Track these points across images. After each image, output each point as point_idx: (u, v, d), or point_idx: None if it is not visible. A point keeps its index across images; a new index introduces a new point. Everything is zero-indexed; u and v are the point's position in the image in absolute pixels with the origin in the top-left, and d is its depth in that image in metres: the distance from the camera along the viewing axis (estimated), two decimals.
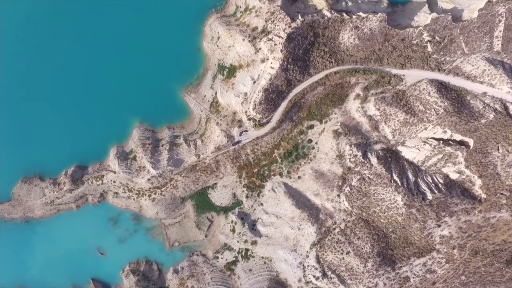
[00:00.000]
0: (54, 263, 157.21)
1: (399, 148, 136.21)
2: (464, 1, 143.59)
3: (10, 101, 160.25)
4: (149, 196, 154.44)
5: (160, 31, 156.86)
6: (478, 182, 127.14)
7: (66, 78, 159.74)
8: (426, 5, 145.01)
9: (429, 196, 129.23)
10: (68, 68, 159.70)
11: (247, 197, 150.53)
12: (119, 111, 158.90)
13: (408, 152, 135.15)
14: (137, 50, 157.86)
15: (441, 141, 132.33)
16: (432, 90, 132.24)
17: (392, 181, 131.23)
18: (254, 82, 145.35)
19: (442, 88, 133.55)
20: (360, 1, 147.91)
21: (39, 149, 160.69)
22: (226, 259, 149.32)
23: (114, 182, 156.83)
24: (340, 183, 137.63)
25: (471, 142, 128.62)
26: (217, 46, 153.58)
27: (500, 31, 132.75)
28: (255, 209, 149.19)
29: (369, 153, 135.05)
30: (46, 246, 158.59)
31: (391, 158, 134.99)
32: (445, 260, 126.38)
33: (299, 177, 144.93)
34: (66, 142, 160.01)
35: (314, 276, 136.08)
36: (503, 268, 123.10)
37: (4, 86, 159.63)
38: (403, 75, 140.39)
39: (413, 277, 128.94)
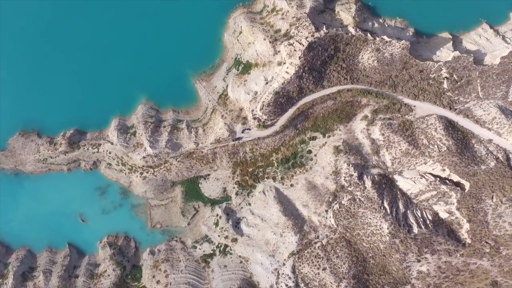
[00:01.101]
0: (34, 220, 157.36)
1: (396, 176, 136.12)
2: (489, 46, 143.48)
3: (28, 54, 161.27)
4: (141, 173, 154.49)
5: (185, 14, 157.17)
6: (466, 226, 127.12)
7: (86, 41, 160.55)
8: (451, 42, 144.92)
9: (415, 230, 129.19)
10: (89, 31, 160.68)
11: (236, 194, 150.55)
12: (128, 83, 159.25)
13: (404, 183, 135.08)
14: (159, 28, 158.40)
15: (438, 179, 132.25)
16: (439, 126, 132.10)
17: (382, 208, 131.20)
18: (267, 83, 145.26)
19: (450, 126, 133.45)
20: (386, 25, 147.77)
21: (43, 105, 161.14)
22: (203, 251, 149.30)
23: (110, 153, 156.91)
24: (330, 199, 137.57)
25: (467, 185, 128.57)
26: (238, 40, 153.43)
27: None
28: (242, 208, 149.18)
29: (365, 176, 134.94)
30: (30, 202, 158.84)
31: (386, 185, 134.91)
32: None
33: (291, 185, 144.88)
34: (71, 104, 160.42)
35: (286, 285, 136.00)
36: None
37: (25, 40, 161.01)
38: (414, 106, 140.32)
39: None
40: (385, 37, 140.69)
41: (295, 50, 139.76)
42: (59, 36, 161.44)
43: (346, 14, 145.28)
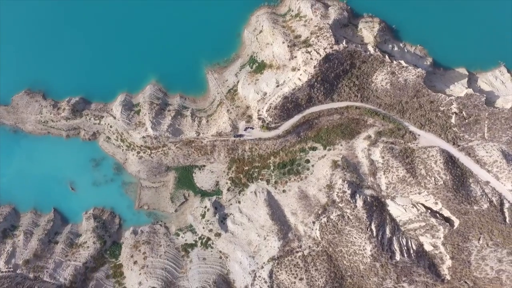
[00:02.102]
0: (25, 180, 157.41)
1: (388, 201, 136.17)
2: (503, 89, 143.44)
3: (48, 15, 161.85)
4: (138, 153, 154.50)
5: (210, 4, 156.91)
6: (448, 262, 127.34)
7: (108, 11, 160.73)
8: (466, 79, 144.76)
9: (397, 257, 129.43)
10: (114, 1, 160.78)
11: (228, 190, 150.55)
12: (142, 61, 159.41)
13: (395, 209, 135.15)
14: (182, 12, 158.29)
15: (429, 211, 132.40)
16: (440, 159, 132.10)
17: (369, 229, 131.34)
18: (277, 86, 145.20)
19: (450, 161, 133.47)
20: (406, 50, 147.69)
21: (54, 68, 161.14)
22: (186, 240, 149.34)
23: (111, 127, 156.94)
24: (319, 212, 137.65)
25: (456, 222, 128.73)
26: (257, 39, 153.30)
27: None
28: (231, 204, 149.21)
29: (357, 195, 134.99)
30: (24, 161, 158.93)
31: (377, 207, 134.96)
32: None
33: (283, 191, 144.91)
34: (81, 72, 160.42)
35: None
36: None
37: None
38: (419, 135, 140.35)
39: None
40: (402, 62, 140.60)
41: (311, 59, 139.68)
42: (81, 3, 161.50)
43: (368, 32, 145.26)
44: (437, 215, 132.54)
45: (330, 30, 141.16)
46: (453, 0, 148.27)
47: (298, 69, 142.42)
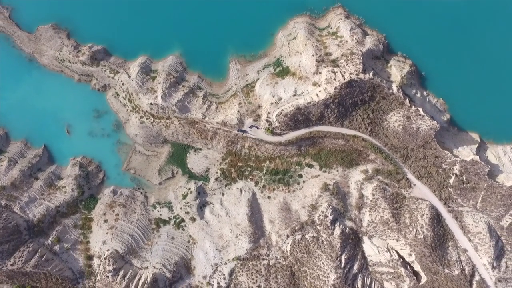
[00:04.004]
0: (25, 109, 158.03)
1: (365, 238, 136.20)
2: (509, 166, 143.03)
3: None
4: (141, 117, 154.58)
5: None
6: None
7: None
8: (477, 145, 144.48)
9: None
10: None
11: (216, 179, 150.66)
12: (171, 31, 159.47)
13: (369, 247, 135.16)
14: None
15: (401, 260, 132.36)
16: (427, 214, 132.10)
17: (338, 259, 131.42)
18: (294, 95, 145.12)
19: (436, 219, 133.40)
20: (427, 100, 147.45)
21: (86, 11, 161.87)
22: (160, 214, 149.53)
23: (123, 84, 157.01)
24: (296, 228, 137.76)
25: (424, 279, 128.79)
26: (288, 44, 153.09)
27: None
28: (214, 194, 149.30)
29: (338, 223, 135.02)
30: (29, 91, 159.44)
31: (352, 241, 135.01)
32: None
33: (268, 197, 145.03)
34: (111, 23, 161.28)
35: (218, 283, 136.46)
36: None
37: None
38: (414, 184, 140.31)
39: None
40: (421, 110, 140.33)
41: (334, 79, 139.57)
42: None
43: (397, 71, 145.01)
44: (408, 266, 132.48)
45: (361, 58, 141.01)
46: (487, 68, 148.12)
47: (319, 86, 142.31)
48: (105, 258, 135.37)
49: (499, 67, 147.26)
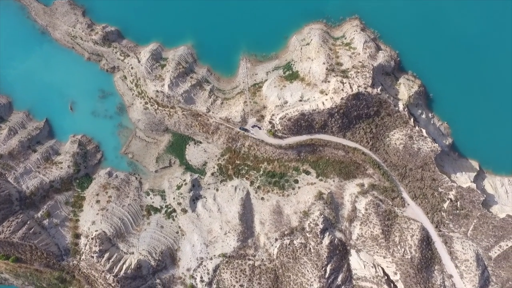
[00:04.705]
0: (31, 81, 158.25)
1: (352, 251, 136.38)
2: (504, 198, 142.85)
3: None
4: (146, 103, 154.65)
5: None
6: None
7: None
8: (475, 173, 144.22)
9: None
10: None
11: (212, 174, 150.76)
12: (187, 20, 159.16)
13: (355, 261, 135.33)
14: None
15: (386, 277, 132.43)
16: (417, 235, 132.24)
17: (323, 269, 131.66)
18: (300, 101, 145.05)
19: (425, 241, 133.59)
20: (432, 122, 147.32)
21: None
22: (152, 202, 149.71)
23: (132, 68, 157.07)
24: (286, 232, 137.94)
25: None
26: (301, 49, 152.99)
27: (507, 245, 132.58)
28: (209, 189, 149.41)
29: (327, 233, 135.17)
30: (38, 63, 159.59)
31: (340, 252, 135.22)
32: None
33: (262, 198, 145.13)
34: (128, 5, 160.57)
35: (201, 278, 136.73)
36: None
37: None
38: (408, 204, 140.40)
39: None
40: (424, 131, 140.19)
41: (342, 90, 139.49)
42: None
43: (405, 90, 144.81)
44: (392, 284, 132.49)
45: (371, 72, 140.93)
46: (494, 99, 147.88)
47: (326, 94, 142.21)
48: (92, 239, 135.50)
49: (507, 99, 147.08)
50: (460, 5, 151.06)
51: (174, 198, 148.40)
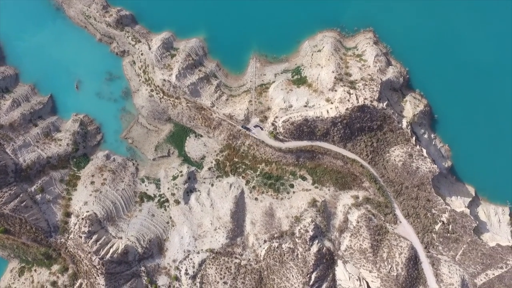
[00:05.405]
0: (40, 56, 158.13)
1: (339, 262, 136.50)
2: (496, 227, 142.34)
3: None
4: (152, 90, 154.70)
5: (296, 3, 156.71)
6: None
7: None
8: (470, 199, 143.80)
9: None
10: None
11: (209, 169, 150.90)
12: (202, 13, 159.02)
13: (341, 272, 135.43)
14: None
15: None
16: (405, 254, 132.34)
17: (308, 276, 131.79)
18: (305, 106, 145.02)
19: (413, 261, 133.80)
20: (433, 143, 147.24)
21: None
22: (147, 190, 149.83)
23: (142, 54, 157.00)
24: (275, 235, 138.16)
25: None
26: (312, 55, 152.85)
27: (494, 274, 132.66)
28: (204, 183, 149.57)
29: (316, 240, 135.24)
30: (49, 39, 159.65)
31: (327, 261, 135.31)
32: None
33: (256, 198, 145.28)
34: None
35: (186, 270, 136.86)
36: None
37: None
38: (400, 222, 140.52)
39: None
40: (424, 151, 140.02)
41: (348, 100, 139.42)
42: None
43: (410, 108, 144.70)
44: None
45: (379, 86, 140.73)
46: (498, 127, 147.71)
47: (332, 103, 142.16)
48: (82, 219, 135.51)
49: (510, 131, 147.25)
50: (476, 33, 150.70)
51: (168, 188, 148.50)
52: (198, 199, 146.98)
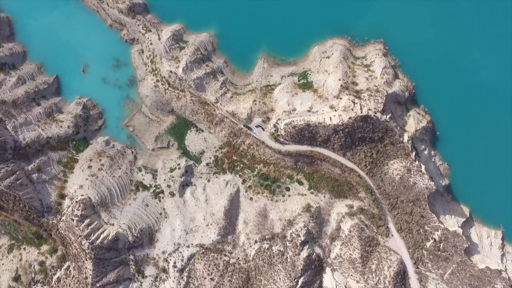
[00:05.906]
0: (49, 36, 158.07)
1: (328, 269, 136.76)
2: (487, 249, 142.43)
3: None
4: (157, 81, 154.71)
5: (306, 5, 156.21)
6: None
7: None
8: (464, 219, 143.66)
9: None
10: None
11: (207, 164, 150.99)
12: (215, 9, 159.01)
13: (329, 280, 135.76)
14: None
15: None
16: (394, 268, 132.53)
17: (295, 280, 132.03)
18: (308, 111, 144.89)
19: (401, 276, 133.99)
20: (433, 160, 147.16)
21: None
22: (143, 179, 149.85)
23: (151, 44, 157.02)
24: (267, 237, 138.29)
25: None
26: (320, 60, 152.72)
27: None
28: (201, 178, 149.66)
29: (307, 246, 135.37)
30: (60, 20, 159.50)
31: (315, 267, 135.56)
32: None
33: (250, 198, 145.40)
34: None
35: (174, 263, 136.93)
36: None
37: None
38: (392, 235, 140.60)
39: None
40: (423, 167, 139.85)
41: (352, 109, 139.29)
42: None
43: (413, 123, 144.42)
44: None
45: (384, 98, 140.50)
46: (500, 152, 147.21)
47: (335, 110, 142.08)
48: (76, 202, 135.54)
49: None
50: (488, 55, 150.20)
51: (165, 180, 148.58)
52: (193, 193, 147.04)
